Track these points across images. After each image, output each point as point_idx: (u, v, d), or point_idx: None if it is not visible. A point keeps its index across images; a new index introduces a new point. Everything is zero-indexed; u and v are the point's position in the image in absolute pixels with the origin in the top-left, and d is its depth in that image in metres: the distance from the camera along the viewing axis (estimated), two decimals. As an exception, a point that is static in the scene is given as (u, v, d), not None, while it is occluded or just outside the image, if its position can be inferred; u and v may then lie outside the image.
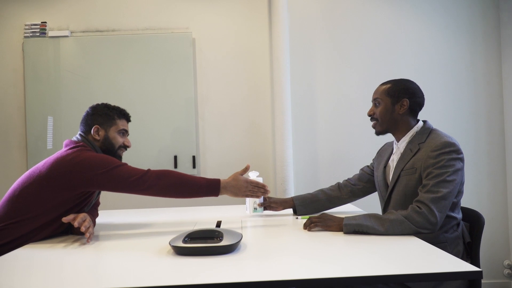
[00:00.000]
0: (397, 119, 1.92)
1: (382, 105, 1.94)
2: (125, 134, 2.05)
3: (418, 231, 1.65)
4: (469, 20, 3.51)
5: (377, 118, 1.96)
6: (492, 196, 3.49)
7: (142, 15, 3.48)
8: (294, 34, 3.47)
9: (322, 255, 1.42)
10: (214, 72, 3.50)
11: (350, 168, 3.47)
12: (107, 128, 1.97)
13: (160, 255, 1.46)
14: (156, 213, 2.48)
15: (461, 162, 1.75)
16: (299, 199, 2.20)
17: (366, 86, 3.50)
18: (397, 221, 1.66)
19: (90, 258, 1.49)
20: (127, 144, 2.04)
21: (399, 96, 1.91)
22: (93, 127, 1.95)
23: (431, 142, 1.80)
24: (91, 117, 1.98)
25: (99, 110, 2.00)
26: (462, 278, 1.20)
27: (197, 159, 3.46)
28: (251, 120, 3.50)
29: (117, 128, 2.00)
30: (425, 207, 1.66)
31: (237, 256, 1.41)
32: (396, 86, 1.93)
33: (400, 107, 1.91)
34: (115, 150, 1.99)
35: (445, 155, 1.73)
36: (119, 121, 2.02)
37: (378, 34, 3.51)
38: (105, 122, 1.98)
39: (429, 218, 1.64)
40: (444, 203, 1.68)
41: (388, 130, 1.97)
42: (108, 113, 2.00)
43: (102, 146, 1.96)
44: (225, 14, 3.52)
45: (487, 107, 3.50)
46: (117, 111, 2.03)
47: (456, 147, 1.76)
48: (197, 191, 1.86)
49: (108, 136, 1.97)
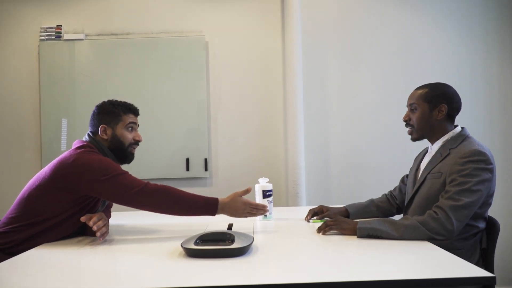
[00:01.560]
0: (434, 125, 1.87)
1: (419, 111, 1.87)
2: (134, 128, 1.98)
3: (432, 237, 1.61)
4: (484, 22, 3.48)
5: (413, 124, 1.90)
6: (507, 201, 3.44)
7: (156, 19, 3.51)
8: (307, 38, 3.47)
9: (334, 259, 1.42)
10: (227, 75, 3.51)
11: (363, 172, 3.46)
12: (114, 126, 1.92)
13: (172, 257, 1.46)
14: (168, 215, 2.49)
15: (490, 173, 1.68)
16: (353, 208, 2.15)
17: (380, 90, 3.48)
18: (411, 226, 1.63)
19: (102, 259, 1.50)
20: (137, 138, 1.98)
21: (437, 102, 1.85)
22: (100, 127, 1.91)
23: (461, 149, 1.75)
24: (97, 117, 1.94)
25: (104, 109, 1.94)
26: (475, 284, 1.19)
27: (209, 162, 3.47)
28: (263, 123, 3.50)
29: (124, 123, 1.94)
30: (443, 213, 1.62)
31: (249, 259, 1.41)
32: (434, 91, 1.87)
33: (438, 112, 1.85)
34: (125, 148, 1.94)
35: (472, 163, 1.67)
36: (125, 116, 1.95)
37: (392, 36, 3.50)
38: (111, 120, 1.92)
39: (445, 225, 1.60)
40: (464, 212, 1.62)
41: (424, 136, 1.91)
42: (113, 110, 1.93)
43: (111, 145, 1.92)
44: (238, 18, 3.53)
45: (501, 110, 3.47)
46: (122, 106, 1.96)
47: (486, 156, 1.69)
48: (194, 210, 1.81)
49: (115, 134, 1.92)
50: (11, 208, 1.82)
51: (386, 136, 3.44)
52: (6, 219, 1.79)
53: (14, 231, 1.75)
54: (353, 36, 3.51)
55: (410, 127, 1.93)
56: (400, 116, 2.01)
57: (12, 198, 1.92)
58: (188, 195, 1.81)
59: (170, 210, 1.80)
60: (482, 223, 1.77)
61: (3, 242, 1.74)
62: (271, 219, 2.19)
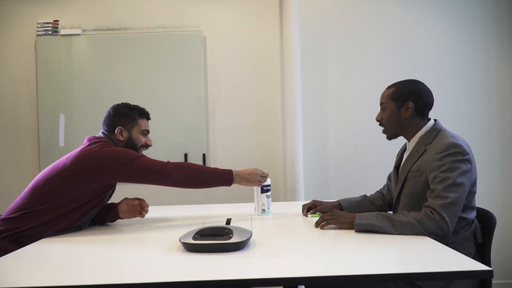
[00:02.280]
0: (403, 122, 1.89)
1: (388, 110, 1.92)
2: (147, 134, 2.12)
3: (430, 236, 1.62)
4: (483, 20, 3.48)
5: (384, 124, 1.95)
6: (504, 195, 3.45)
7: (153, 14, 3.50)
8: (305, 33, 3.47)
9: (332, 252, 1.42)
10: (225, 70, 3.51)
11: (361, 167, 3.46)
12: (130, 129, 2.05)
13: (170, 251, 1.47)
14: (166, 210, 2.50)
15: (468, 163, 1.70)
16: (346, 202, 2.17)
17: (377, 86, 3.47)
18: (409, 224, 1.63)
19: (101, 253, 1.50)
20: (148, 143, 2.12)
21: (403, 100, 1.87)
22: (117, 128, 2.02)
23: (436, 144, 1.76)
24: (113, 118, 2.05)
25: (120, 111, 2.06)
26: (473, 277, 1.20)
27: (207, 157, 3.47)
28: (261, 117, 3.50)
29: (139, 128, 2.07)
30: (436, 214, 1.63)
31: (247, 253, 1.42)
32: (401, 90, 1.89)
33: (405, 110, 1.87)
34: (137, 149, 2.06)
35: (449, 157, 1.69)
36: (141, 121, 2.09)
37: (390, 32, 3.49)
38: (128, 123, 2.05)
39: (441, 225, 1.61)
40: (454, 209, 1.64)
41: (397, 134, 1.94)
42: (129, 113, 2.06)
43: (125, 146, 2.03)
44: (236, 13, 3.52)
45: (500, 106, 3.47)
46: (137, 111, 2.10)
47: (461, 148, 1.70)
48: (214, 180, 1.98)
49: (132, 137, 2.05)
50: (22, 196, 1.88)
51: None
52: (17, 205, 1.85)
53: (28, 217, 1.80)
54: (351, 32, 3.51)
55: (383, 127, 1.98)
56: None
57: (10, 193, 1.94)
58: (206, 168, 2.00)
59: (191, 183, 1.95)
60: (471, 213, 1.78)
61: (14, 227, 1.79)
62: (269, 213, 2.19)
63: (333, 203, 2.17)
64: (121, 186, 3.43)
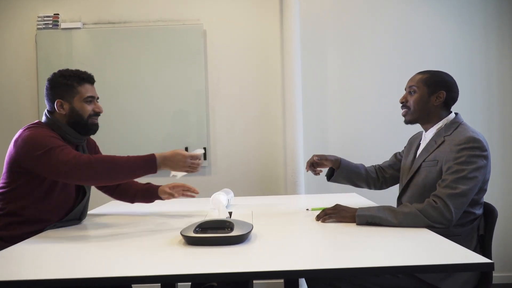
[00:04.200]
0: (430, 110, 1.88)
1: (418, 94, 1.88)
2: (93, 101, 1.88)
3: (432, 226, 1.62)
4: (483, 14, 3.46)
5: (409, 106, 1.91)
6: (506, 188, 3.45)
7: (153, 7, 3.49)
8: (305, 26, 3.46)
9: (332, 245, 1.43)
10: (225, 63, 3.50)
11: (361, 160, 3.44)
12: (71, 100, 1.82)
13: (171, 244, 1.47)
14: (167, 203, 2.50)
15: (485, 160, 1.69)
16: (346, 164, 2.18)
17: (378, 78, 3.48)
18: (411, 214, 1.64)
19: (102, 246, 1.51)
20: (97, 110, 1.88)
21: (437, 88, 1.86)
22: (55, 102, 1.81)
23: (456, 136, 1.76)
24: (51, 92, 1.84)
25: (56, 82, 1.83)
26: (473, 270, 1.20)
27: (208, 151, 3.47)
28: (262, 111, 3.50)
29: (81, 97, 1.83)
30: (442, 202, 1.63)
31: (248, 246, 1.42)
32: (435, 77, 1.88)
33: (436, 98, 1.86)
34: (85, 120, 1.85)
35: (468, 150, 1.68)
36: (81, 87, 1.84)
37: (392, 26, 3.48)
38: (66, 93, 1.82)
39: (445, 213, 1.61)
40: (462, 200, 1.63)
41: (418, 120, 1.92)
42: (65, 82, 1.82)
43: (70, 120, 1.83)
44: (236, 6, 3.51)
45: (501, 101, 3.47)
46: (75, 77, 1.84)
47: (481, 143, 1.70)
48: (135, 171, 1.71)
49: (74, 107, 1.83)
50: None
51: (384, 125, 3.44)
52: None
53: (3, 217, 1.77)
54: (352, 26, 3.49)
55: (405, 109, 1.94)
56: (398, 106, 2.01)
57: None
58: (125, 158, 1.71)
59: (111, 177, 1.72)
60: (479, 209, 1.78)
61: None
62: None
63: (336, 158, 2.19)
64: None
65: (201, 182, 3.47)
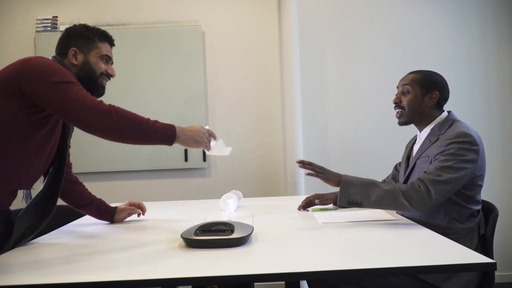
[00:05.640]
0: (424, 110, 1.89)
1: (412, 94, 1.89)
2: (108, 62, 1.75)
3: (410, 210, 1.64)
4: (482, 16, 3.47)
5: (403, 107, 1.92)
6: (506, 187, 3.45)
7: (152, 9, 3.49)
8: (304, 26, 3.45)
9: (333, 247, 1.42)
10: (224, 65, 3.50)
11: (361, 160, 3.46)
12: (87, 52, 1.68)
13: (172, 247, 1.46)
14: (167, 205, 2.50)
15: (475, 154, 1.70)
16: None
17: (377, 79, 3.47)
18: (391, 193, 1.65)
19: (102, 250, 1.50)
20: (111, 72, 1.75)
21: (430, 88, 1.87)
22: (70, 49, 1.66)
23: (448, 133, 1.78)
24: (67, 39, 1.68)
25: (76, 31, 1.69)
26: (476, 270, 1.19)
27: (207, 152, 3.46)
28: (261, 112, 3.50)
29: (99, 52, 1.70)
30: (424, 186, 1.64)
31: (249, 248, 1.42)
32: (428, 78, 1.89)
33: (429, 99, 1.88)
34: (96, 77, 1.70)
35: (457, 144, 1.70)
36: (101, 44, 1.71)
37: (390, 25, 3.48)
38: (84, 45, 1.67)
39: (425, 198, 1.63)
40: (444, 188, 1.64)
41: (413, 120, 1.93)
42: (87, 34, 1.69)
43: (80, 72, 1.67)
44: (234, 7, 3.50)
45: (500, 99, 3.47)
46: (98, 32, 1.72)
47: (471, 138, 1.71)
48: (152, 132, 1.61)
49: (88, 60, 1.68)
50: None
51: (384, 125, 3.43)
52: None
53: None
54: (350, 25, 3.49)
55: (399, 110, 1.94)
56: (398, 105, 2.02)
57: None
58: (145, 119, 1.60)
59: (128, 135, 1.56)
60: (476, 206, 1.79)
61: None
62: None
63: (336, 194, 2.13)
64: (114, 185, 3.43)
65: (200, 183, 3.47)
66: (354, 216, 1.86)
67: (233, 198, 2.15)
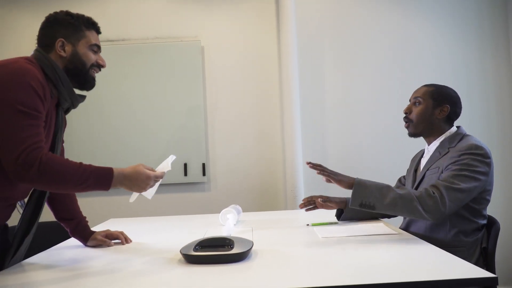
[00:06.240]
0: (433, 123, 1.89)
1: (423, 106, 1.90)
2: (97, 51, 1.65)
3: (423, 216, 1.62)
4: (478, 21, 3.51)
5: (412, 119, 1.92)
6: (508, 201, 3.44)
7: (151, 25, 3.51)
8: (302, 41, 3.48)
9: (333, 262, 1.41)
10: (223, 79, 3.51)
11: (361, 174, 3.43)
12: (75, 42, 1.55)
13: (171, 263, 1.45)
14: (167, 220, 2.49)
15: (487, 167, 1.71)
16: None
17: (377, 93, 3.49)
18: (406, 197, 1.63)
19: (100, 266, 1.49)
20: (101, 63, 1.66)
21: (442, 101, 1.88)
22: (57, 41, 1.53)
23: (459, 145, 1.79)
24: (51, 29, 1.56)
25: (59, 19, 1.57)
26: (477, 285, 1.18)
27: (207, 167, 3.46)
28: (261, 126, 3.50)
29: (87, 42, 1.58)
30: (438, 192, 1.63)
31: (248, 264, 1.41)
32: (441, 91, 1.91)
33: (440, 111, 1.88)
34: (86, 69, 1.59)
35: (470, 155, 1.70)
36: (89, 33, 1.60)
37: (388, 39, 3.51)
38: (72, 34, 1.55)
39: (439, 205, 1.61)
40: (458, 196, 1.63)
41: (422, 133, 1.93)
42: (73, 22, 1.56)
43: (69, 65, 1.55)
44: (233, 22, 3.53)
45: (499, 109, 3.48)
46: (83, 20, 1.59)
47: (483, 150, 1.72)
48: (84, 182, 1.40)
49: (77, 51, 1.56)
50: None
51: (384, 139, 3.44)
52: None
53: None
54: (348, 39, 3.52)
55: (408, 122, 1.94)
56: (396, 118, 2.02)
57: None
58: (77, 165, 1.43)
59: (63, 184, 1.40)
60: (482, 220, 1.79)
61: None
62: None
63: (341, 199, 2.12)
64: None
65: (200, 198, 3.46)
66: (354, 231, 1.85)
67: (233, 213, 2.14)
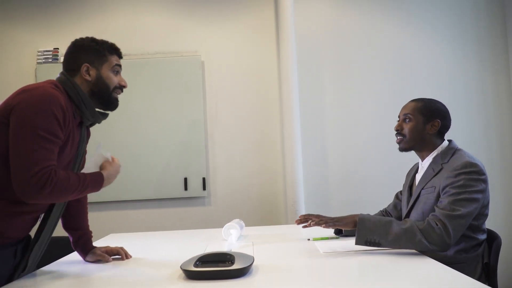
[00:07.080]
0: (425, 138, 1.89)
1: (413, 122, 1.90)
2: (119, 72, 1.74)
3: (429, 248, 1.61)
4: (476, 31, 3.54)
5: (404, 134, 1.92)
6: (509, 215, 3.43)
7: (152, 40, 3.54)
8: (301, 54, 3.50)
9: (335, 278, 1.40)
10: (223, 94, 3.53)
11: (362, 187, 3.45)
12: (99, 66, 1.66)
13: (171, 279, 1.45)
14: (167, 235, 2.48)
15: (483, 184, 1.70)
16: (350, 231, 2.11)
17: (376, 103, 3.50)
18: (409, 231, 1.62)
19: (100, 283, 1.48)
20: (123, 84, 1.74)
21: (432, 116, 1.88)
22: (82, 66, 1.63)
23: (453, 162, 1.77)
24: (76, 55, 1.66)
25: (85, 45, 1.68)
26: (479, 301, 1.17)
27: (207, 181, 3.46)
28: (261, 140, 3.51)
29: (110, 64, 1.69)
30: (441, 224, 1.62)
31: (250, 279, 1.40)
32: (430, 106, 1.90)
33: (431, 127, 1.88)
34: (110, 92, 1.68)
35: (465, 175, 1.69)
36: (111, 56, 1.71)
37: (387, 49, 3.53)
38: (96, 59, 1.66)
39: (444, 236, 1.60)
40: (460, 222, 1.63)
41: (413, 147, 1.93)
42: (97, 48, 1.68)
43: (94, 88, 1.65)
44: (233, 37, 3.56)
45: (497, 118, 3.49)
46: (107, 45, 1.72)
47: (478, 167, 1.71)
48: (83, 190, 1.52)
49: (101, 75, 1.66)
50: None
51: (384, 150, 3.44)
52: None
53: None
54: (347, 51, 3.54)
55: (400, 137, 1.94)
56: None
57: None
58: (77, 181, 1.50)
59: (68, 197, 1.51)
60: (482, 235, 1.77)
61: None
62: None
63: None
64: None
65: (200, 212, 3.46)
66: (356, 246, 1.84)
67: (236, 228, 2.14)
